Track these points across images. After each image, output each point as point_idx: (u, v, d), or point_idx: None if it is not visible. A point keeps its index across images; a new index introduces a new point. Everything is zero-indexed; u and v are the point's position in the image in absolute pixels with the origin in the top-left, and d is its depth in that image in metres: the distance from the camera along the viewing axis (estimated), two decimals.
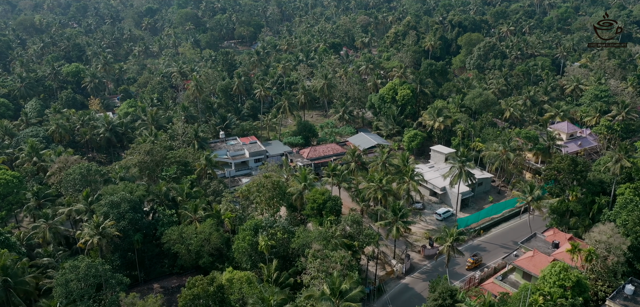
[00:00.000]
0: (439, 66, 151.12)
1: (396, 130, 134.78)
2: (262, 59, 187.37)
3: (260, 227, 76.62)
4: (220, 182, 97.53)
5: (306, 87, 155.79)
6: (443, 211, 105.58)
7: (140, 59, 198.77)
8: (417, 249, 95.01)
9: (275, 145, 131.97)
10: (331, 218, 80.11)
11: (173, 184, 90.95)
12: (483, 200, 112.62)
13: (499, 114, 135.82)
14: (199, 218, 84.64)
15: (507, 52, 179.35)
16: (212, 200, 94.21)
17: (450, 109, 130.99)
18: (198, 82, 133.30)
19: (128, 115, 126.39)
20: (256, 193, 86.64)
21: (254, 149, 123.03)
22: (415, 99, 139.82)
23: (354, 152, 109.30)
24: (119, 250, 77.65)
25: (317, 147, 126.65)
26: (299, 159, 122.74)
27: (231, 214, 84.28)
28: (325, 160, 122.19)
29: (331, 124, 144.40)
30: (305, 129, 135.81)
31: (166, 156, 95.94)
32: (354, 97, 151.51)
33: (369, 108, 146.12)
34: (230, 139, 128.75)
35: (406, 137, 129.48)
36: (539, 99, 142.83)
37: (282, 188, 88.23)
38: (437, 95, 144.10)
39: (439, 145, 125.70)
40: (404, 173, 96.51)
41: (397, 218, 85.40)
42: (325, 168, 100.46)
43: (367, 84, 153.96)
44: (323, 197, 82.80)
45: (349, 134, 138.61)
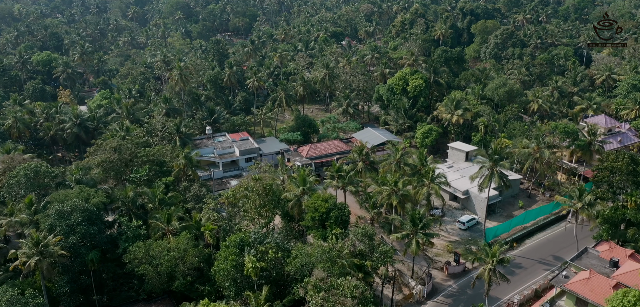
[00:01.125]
0: (454, 53, 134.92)
1: (407, 125, 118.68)
2: (257, 49, 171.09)
3: (248, 243, 60.46)
4: (203, 185, 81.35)
5: (305, 79, 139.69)
6: (467, 218, 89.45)
7: (124, 50, 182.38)
8: (438, 265, 78.91)
9: (270, 143, 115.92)
10: (337, 231, 63.96)
11: (144, 188, 74.76)
12: (512, 205, 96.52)
13: (522, 107, 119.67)
14: (174, 230, 68.56)
15: (526, 41, 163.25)
16: (193, 207, 78.06)
17: (469, 100, 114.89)
18: (182, 70, 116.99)
19: (101, 108, 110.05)
20: (244, 199, 70.53)
21: (245, 146, 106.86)
22: (428, 90, 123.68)
23: (361, 149, 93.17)
24: (69, 272, 61.43)
25: (318, 145, 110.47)
26: (297, 158, 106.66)
27: (213, 226, 68.10)
28: (327, 159, 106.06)
29: (333, 118, 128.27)
30: (305, 124, 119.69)
31: (137, 154, 79.72)
32: (359, 89, 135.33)
33: (376, 101, 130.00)
34: (218, 135, 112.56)
35: (419, 132, 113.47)
36: (567, 90, 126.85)
37: (275, 193, 72.15)
38: (453, 86, 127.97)
39: (458, 142, 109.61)
40: (423, 174, 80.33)
41: (417, 229, 69.41)
42: (329, 169, 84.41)
43: (374, 74, 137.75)
44: (327, 205, 66.62)
45: (353, 130, 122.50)
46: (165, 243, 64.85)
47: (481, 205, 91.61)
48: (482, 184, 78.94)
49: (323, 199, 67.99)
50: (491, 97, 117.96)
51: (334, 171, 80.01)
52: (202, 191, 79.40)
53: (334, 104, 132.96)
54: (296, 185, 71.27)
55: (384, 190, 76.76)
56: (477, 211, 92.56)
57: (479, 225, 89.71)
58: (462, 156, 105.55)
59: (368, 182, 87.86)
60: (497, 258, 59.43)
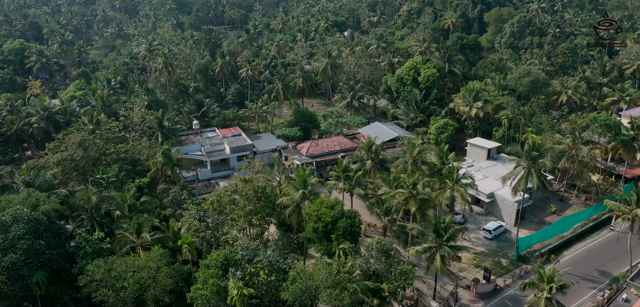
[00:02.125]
0: (471, 40, 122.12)
1: (419, 119, 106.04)
2: (253, 39, 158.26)
3: (233, 262, 47.84)
4: (184, 187, 68.57)
5: (305, 70, 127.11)
6: (494, 226, 76.78)
7: (110, 41, 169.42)
8: (464, 282, 66.31)
9: (265, 139, 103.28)
10: (346, 246, 51.27)
11: (111, 191, 62.05)
12: (543, 210, 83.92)
13: (549, 99, 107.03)
14: (145, 243, 55.92)
15: (544, 30, 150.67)
16: (171, 214, 65.36)
17: (489, 91, 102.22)
18: (167, 58, 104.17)
19: (74, 99, 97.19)
20: (230, 205, 57.88)
21: (237, 142, 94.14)
22: (442, 81, 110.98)
23: (370, 146, 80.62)
24: (6, 299, 48.69)
25: (320, 141, 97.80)
26: (296, 156, 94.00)
27: (192, 238, 55.39)
28: (330, 157, 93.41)
29: (336, 113, 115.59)
30: (304, 119, 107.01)
31: (105, 151, 66.99)
32: (365, 81, 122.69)
33: (384, 93, 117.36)
34: (207, 131, 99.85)
35: (433, 127, 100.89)
36: (595, 80, 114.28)
37: (270, 198, 59.52)
38: (469, 76, 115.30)
39: (479, 138, 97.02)
40: (445, 175, 67.66)
41: (441, 241, 56.83)
42: (334, 168, 71.87)
43: (381, 64, 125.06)
44: (333, 213, 53.87)
45: (359, 125, 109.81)
46: (133, 260, 52.20)
47: (509, 210, 79.09)
48: (517, 186, 66.23)
49: (328, 205, 55.30)
50: (513, 88, 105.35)
51: (340, 170, 67.38)
52: (183, 194, 66.65)
53: (337, 97, 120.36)
54: (295, 188, 58.54)
55: (399, 193, 64.09)
56: (504, 217, 79.99)
57: (507, 233, 77.21)
58: (483, 153, 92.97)
59: (378, 183, 75.30)
60: (557, 284, 46.54)
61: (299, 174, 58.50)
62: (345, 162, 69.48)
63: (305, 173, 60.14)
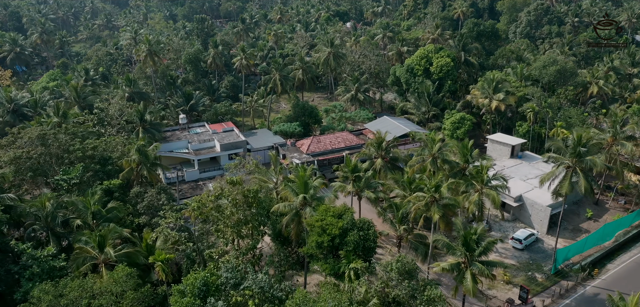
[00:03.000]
0: (488, 26, 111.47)
1: (432, 113, 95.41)
2: (249, 30, 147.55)
3: (215, 288, 37.27)
4: (162, 190, 57.91)
5: (305, 61, 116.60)
6: (525, 234, 66.23)
7: (96, 32, 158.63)
8: (494, 303, 55.76)
9: (261, 136, 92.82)
10: (358, 266, 40.68)
11: (72, 196, 51.43)
12: (577, 215, 73.43)
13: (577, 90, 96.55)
14: (109, 260, 45.36)
15: (562, 18, 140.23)
16: (146, 223, 54.74)
17: (510, 82, 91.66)
18: (151, 45, 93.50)
19: (46, 90, 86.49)
20: (214, 213, 47.33)
21: (228, 139, 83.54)
22: (456, 71, 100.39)
23: (380, 142, 70.13)
24: None
25: (322, 138, 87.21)
26: (296, 154, 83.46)
27: (168, 254, 44.81)
28: (333, 155, 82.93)
29: (340, 107, 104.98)
30: (305, 113, 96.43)
31: (68, 148, 56.32)
32: (370, 72, 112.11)
33: (392, 85, 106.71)
34: (195, 126, 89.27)
35: (448, 122, 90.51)
36: (625, 71, 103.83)
37: (263, 203, 48.96)
38: (487, 66, 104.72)
39: (500, 134, 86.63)
40: (472, 176, 57.05)
41: (472, 256, 46.37)
42: (341, 167, 61.38)
43: (388, 54, 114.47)
44: (341, 224, 43.22)
45: (365, 120, 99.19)
46: (91, 282, 41.64)
47: (541, 215, 68.65)
48: (559, 189, 55.58)
49: (334, 214, 44.67)
50: (537, 79, 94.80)
51: (348, 170, 56.82)
52: (161, 199, 55.99)
53: (340, 90, 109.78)
54: (294, 192, 47.83)
55: (418, 198, 53.48)
56: (534, 223, 69.54)
57: (539, 243, 66.77)
58: (506, 151, 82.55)
59: (390, 185, 64.87)
60: None
61: (299, 175, 47.84)
62: (354, 161, 58.84)
63: (306, 174, 49.52)
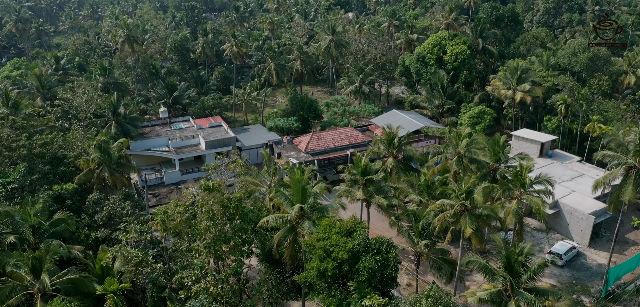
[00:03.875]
0: (507, 10, 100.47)
1: (447, 106, 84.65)
2: (243, 18, 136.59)
3: None
4: (128, 197, 46.99)
5: (304, 49, 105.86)
6: (565, 248, 55.44)
7: (78, 22, 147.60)
8: None
9: (255, 132, 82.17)
10: (374, 302, 29.81)
11: (9, 205, 40.57)
12: (621, 225, 62.50)
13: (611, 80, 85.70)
14: (46, 291, 34.61)
15: (582, 6, 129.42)
16: (106, 238, 43.88)
17: (536, 71, 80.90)
18: (129, 30, 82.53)
19: (8, 80, 75.63)
20: (184, 227, 36.52)
21: (215, 135, 72.72)
22: (472, 60, 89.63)
23: (392, 138, 59.43)
24: None
25: (323, 134, 76.41)
26: (293, 152, 72.70)
27: (118, 286, 33.97)
28: (336, 154, 72.20)
29: (342, 100, 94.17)
30: (303, 107, 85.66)
31: (11, 145, 45.45)
32: (376, 62, 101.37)
33: (400, 75, 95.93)
34: (178, 121, 78.45)
35: (466, 116, 79.92)
36: None
37: (248, 215, 38.10)
38: (506, 55, 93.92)
39: (526, 130, 75.85)
40: (509, 179, 46.12)
41: (518, 283, 35.73)
42: (347, 168, 50.56)
43: (395, 42, 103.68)
44: (350, 245, 32.28)
45: (371, 114, 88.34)
46: None
47: (581, 225, 58.01)
48: (621, 195, 44.67)
49: (341, 230, 33.79)
50: (565, 67, 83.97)
51: (357, 172, 46.04)
52: (125, 207, 45.09)
53: (343, 82, 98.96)
54: (288, 201, 36.88)
55: (445, 206, 42.66)
56: (573, 234, 58.83)
57: (581, 258, 56.08)
58: (534, 149, 71.76)
59: (404, 189, 54.09)
60: None
61: (295, 179, 36.86)
62: (364, 162, 47.93)
63: (304, 176, 38.59)
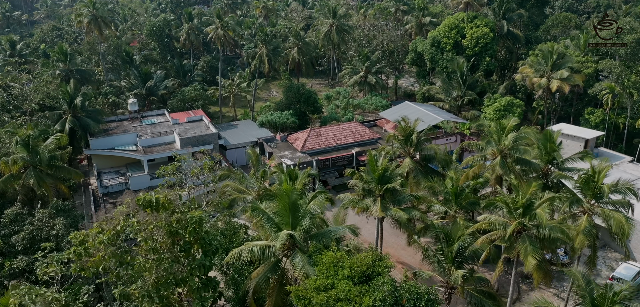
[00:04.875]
0: None
1: (468, 98, 72.56)
2: (235, 5, 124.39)
3: None
4: (59, 212, 34.74)
5: (301, 36, 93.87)
6: (632, 271, 43.11)
7: (53, 10, 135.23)
8: None
9: (243, 128, 70.12)
10: None
11: None
12: None
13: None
14: None
15: None
16: (23, 268, 31.65)
17: (573, 57, 68.80)
18: (96, 9, 70.33)
19: None
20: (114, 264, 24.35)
21: (193, 131, 60.50)
22: (496, 44, 77.60)
23: (409, 134, 47.49)
24: None
25: (323, 130, 64.13)
26: (287, 152, 60.54)
27: None
28: (339, 154, 60.05)
29: (345, 92, 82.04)
30: (300, 99, 73.64)
31: None
32: (383, 50, 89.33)
33: (412, 64, 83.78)
34: (152, 114, 66.24)
35: (490, 109, 68.09)
36: None
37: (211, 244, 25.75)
38: (534, 39, 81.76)
39: (565, 125, 63.71)
40: (583, 187, 33.80)
41: None
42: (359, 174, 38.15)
43: (405, 26, 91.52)
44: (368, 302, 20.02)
45: (378, 108, 76.25)
46: None
47: None
48: None
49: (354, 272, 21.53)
50: (605, 52, 71.89)
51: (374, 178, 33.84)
52: (54, 226, 32.82)
53: (345, 71, 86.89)
54: (271, 224, 24.55)
55: (496, 224, 30.49)
56: (636, 253, 46.60)
57: None
58: (576, 146, 59.40)
59: (426, 199, 42.06)
60: None
61: (282, 191, 24.45)
62: (383, 162, 35.59)
63: (296, 185, 26.31)
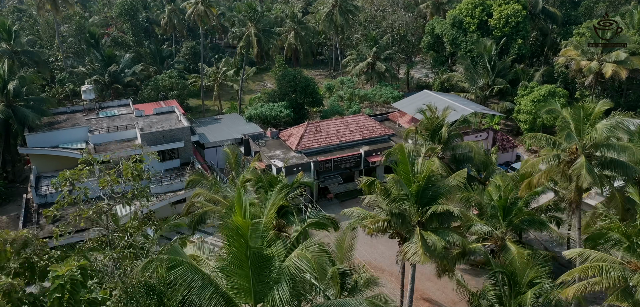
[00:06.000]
0: None
1: (497, 87, 60.37)
2: None
3: None
4: None
5: (299, 18, 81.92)
6: None
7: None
8: None
9: (228, 123, 58.25)
10: None
11: None
12: None
13: None
14: None
15: None
16: None
17: (629, 36, 56.54)
18: None
19: None
20: None
21: (161, 125, 48.25)
22: (528, 25, 65.40)
23: (437, 128, 35.62)
24: None
25: (324, 125, 51.77)
26: (279, 151, 48.40)
27: None
28: (343, 154, 47.91)
29: (349, 82, 69.81)
30: (296, 88, 61.50)
31: None
32: (394, 33, 77.22)
33: (428, 49, 71.55)
34: (113, 106, 54.00)
35: (527, 100, 56.26)
36: None
37: None
38: (573, 19, 69.39)
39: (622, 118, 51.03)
40: None
41: None
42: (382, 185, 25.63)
43: (419, 6, 79.28)
44: None
45: (390, 99, 64.05)
46: None
47: None
48: None
49: None
50: None
51: (408, 195, 21.50)
52: None
53: (350, 58, 74.80)
54: (207, 294, 12.45)
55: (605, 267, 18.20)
56: None
57: None
58: None
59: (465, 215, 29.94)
60: None
61: (232, 227, 12.31)
62: (427, 165, 23.27)
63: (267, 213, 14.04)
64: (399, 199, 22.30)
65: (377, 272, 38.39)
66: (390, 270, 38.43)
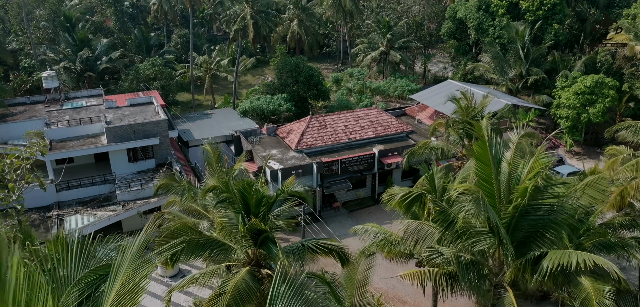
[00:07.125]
0: None
1: (533, 78, 51.97)
2: None
3: None
4: None
5: (304, 5, 74.04)
6: None
7: None
8: None
9: (220, 118, 50.31)
10: None
11: None
12: None
13: None
14: None
15: None
16: None
17: None
18: None
19: None
20: None
21: (133, 117, 40.20)
22: (565, 7, 56.82)
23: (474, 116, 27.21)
24: None
25: (329, 120, 43.40)
26: (276, 150, 40.21)
27: None
28: (352, 154, 39.61)
29: (359, 74, 61.52)
30: (298, 78, 53.36)
31: None
32: (410, 20, 69.05)
33: (449, 36, 63.14)
34: (81, 96, 46.12)
35: (569, 92, 47.66)
36: None
37: None
38: (616, 3, 60.63)
39: None
40: None
41: None
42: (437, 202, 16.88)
43: None
44: None
45: (406, 92, 55.77)
46: None
47: None
48: None
49: None
50: None
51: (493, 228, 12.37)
52: None
53: (361, 46, 66.60)
54: None
55: None
56: None
57: None
58: None
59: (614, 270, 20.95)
60: None
61: None
62: (532, 166, 14.46)
63: None
64: (469, 234, 12.77)
65: (397, 304, 30.18)
66: (413, 301, 30.13)
